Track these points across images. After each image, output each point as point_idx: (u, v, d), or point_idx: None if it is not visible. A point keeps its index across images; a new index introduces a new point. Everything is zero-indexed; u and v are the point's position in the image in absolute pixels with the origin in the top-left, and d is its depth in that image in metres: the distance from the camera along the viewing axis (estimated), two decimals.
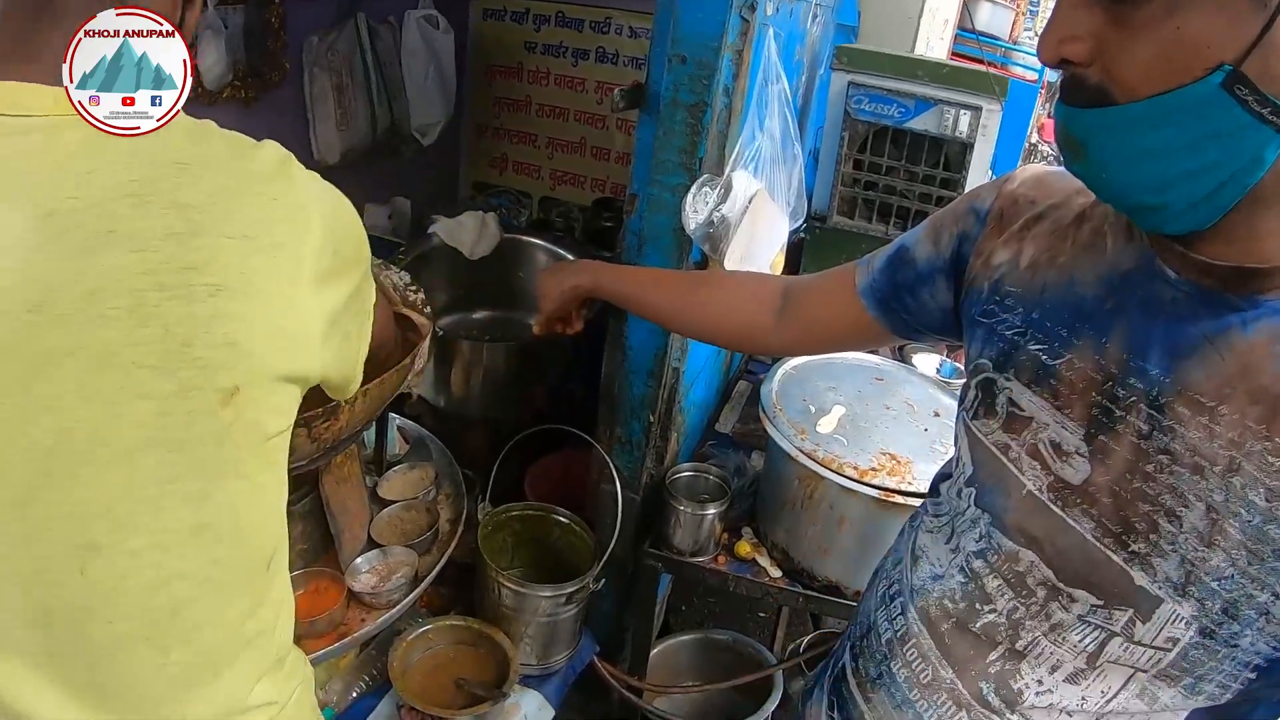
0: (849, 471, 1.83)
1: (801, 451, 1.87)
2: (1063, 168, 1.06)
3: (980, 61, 3.83)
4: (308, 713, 1.12)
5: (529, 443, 2.16)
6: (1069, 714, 0.98)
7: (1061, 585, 0.96)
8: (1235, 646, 0.86)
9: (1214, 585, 0.84)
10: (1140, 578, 0.89)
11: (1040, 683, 1.00)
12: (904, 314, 1.27)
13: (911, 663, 1.11)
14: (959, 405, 1.15)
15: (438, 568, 1.75)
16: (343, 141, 3.58)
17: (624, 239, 1.84)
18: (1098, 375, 0.94)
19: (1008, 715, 1.02)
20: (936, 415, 2.05)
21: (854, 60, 2.77)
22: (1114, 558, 0.91)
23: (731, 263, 1.75)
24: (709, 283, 1.66)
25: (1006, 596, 1.01)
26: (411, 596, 1.69)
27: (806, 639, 2.58)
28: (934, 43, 4.12)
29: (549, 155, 4.42)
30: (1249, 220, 0.81)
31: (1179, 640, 0.88)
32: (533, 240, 2.87)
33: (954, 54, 4.56)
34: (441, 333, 2.52)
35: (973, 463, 1.09)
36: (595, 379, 2.03)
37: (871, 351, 2.28)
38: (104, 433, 0.79)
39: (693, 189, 1.67)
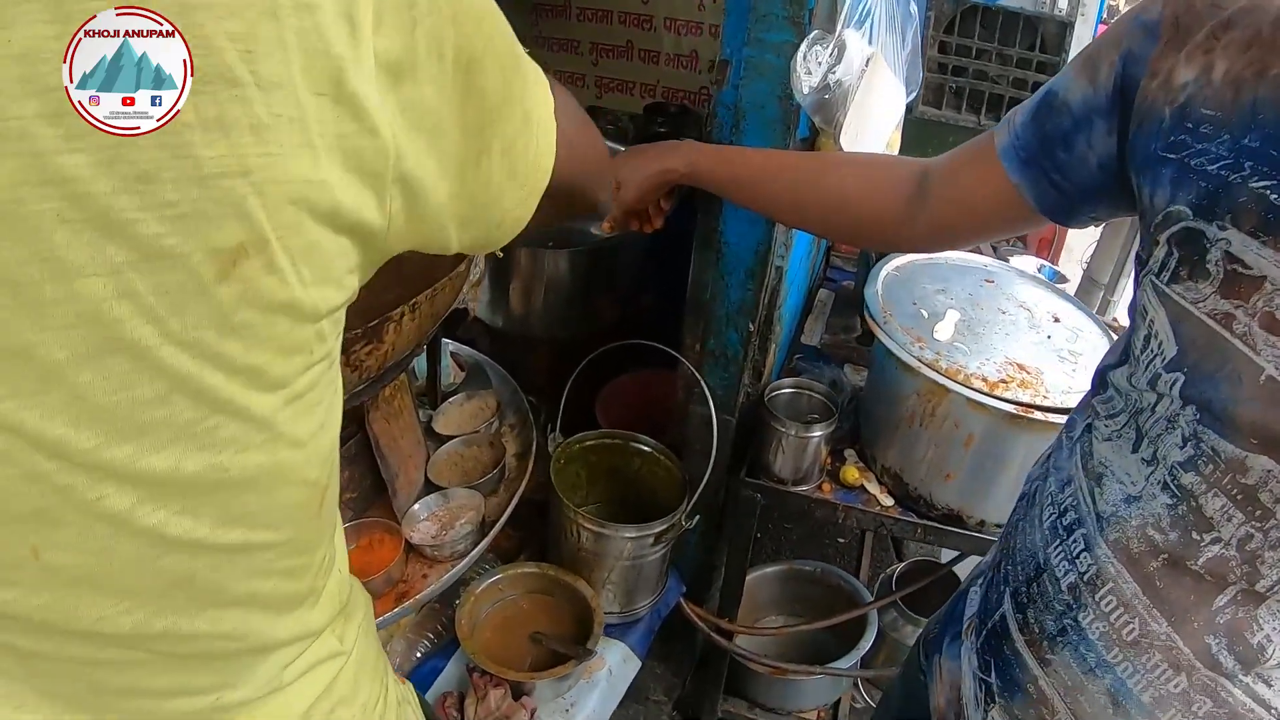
0: (977, 384, 1.61)
1: (922, 362, 1.64)
2: None
3: None
4: (373, 650, 0.91)
5: (599, 363, 1.95)
6: None
7: None
8: None
9: None
10: None
11: None
12: (1054, 174, 1.06)
13: (1109, 614, 0.90)
14: (1138, 269, 0.93)
15: (509, 511, 1.56)
16: None
17: (714, 116, 1.60)
18: None
19: (1241, 679, 0.82)
20: (1056, 320, 1.83)
21: None
22: None
23: (846, 138, 1.52)
24: (835, 165, 1.41)
25: (1235, 520, 0.81)
26: (480, 547, 1.49)
27: (898, 570, 2.44)
28: None
29: (593, 62, 4.20)
30: None
31: None
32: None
33: None
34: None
35: (1176, 340, 0.87)
36: (673, 286, 1.82)
37: (976, 250, 2.03)
38: (29, 335, 0.48)
39: (803, 47, 1.43)
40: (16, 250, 0.46)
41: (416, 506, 1.51)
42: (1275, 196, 0.79)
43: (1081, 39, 2.44)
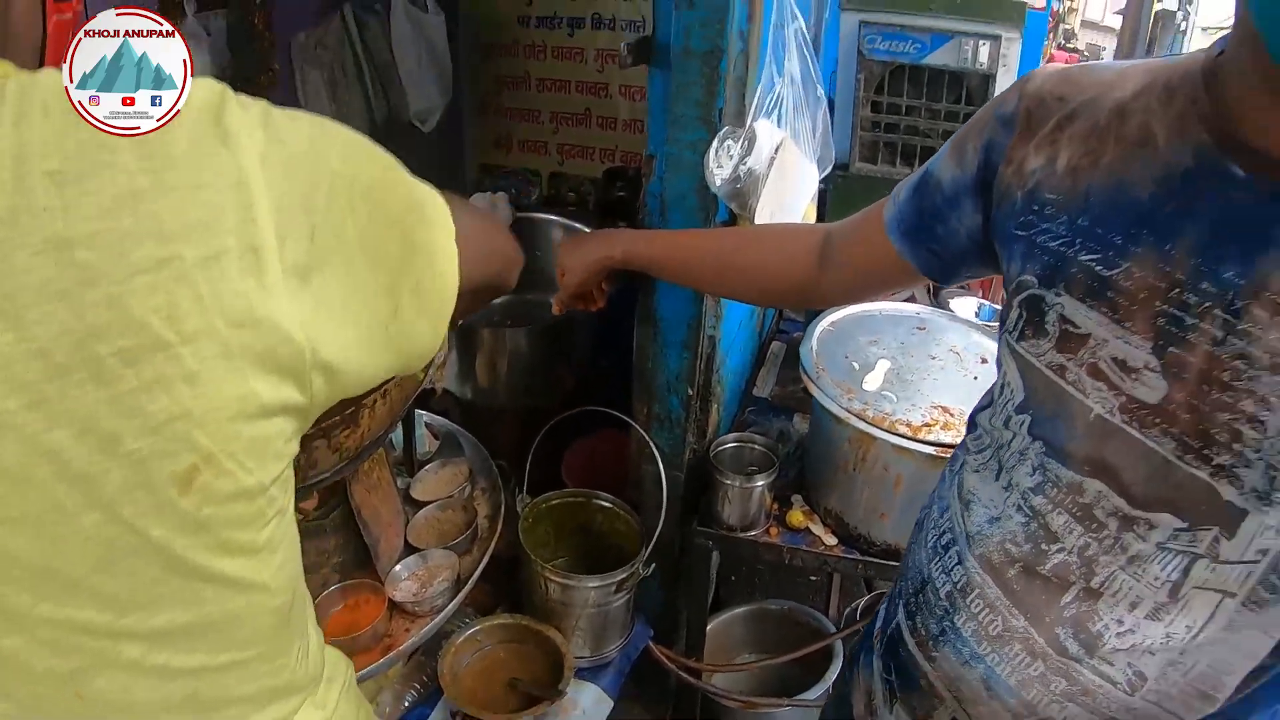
0: (901, 429, 1.76)
1: (850, 412, 1.80)
2: (1082, 64, 1.07)
3: None
4: (354, 706, 1.04)
5: (563, 427, 2.09)
6: (1152, 654, 0.94)
7: (1137, 513, 0.92)
8: None
9: None
10: (1227, 491, 0.86)
11: (1120, 622, 0.95)
12: (931, 244, 1.20)
13: (978, 615, 1.06)
14: (1000, 328, 1.08)
15: (480, 567, 1.69)
16: None
17: (644, 205, 1.77)
18: (1162, 284, 0.88)
19: (1087, 661, 0.98)
20: (984, 362, 1.97)
21: None
22: (1199, 474, 0.87)
23: (762, 218, 1.68)
24: (748, 240, 1.58)
25: (1075, 533, 0.97)
26: (456, 601, 1.63)
27: (862, 603, 2.54)
28: None
29: (554, 130, 4.35)
30: None
31: (1269, 550, 0.86)
32: (546, 217, 2.83)
33: None
34: (461, 322, 2.45)
35: (1024, 388, 1.03)
36: (625, 355, 1.96)
37: (909, 299, 2.20)
38: (55, 562, 0.65)
39: (714, 143, 1.59)
40: (30, 502, 0.62)
41: (398, 568, 1.64)
42: (1100, 268, 0.92)
43: (1004, 88, 2.59)
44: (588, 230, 2.61)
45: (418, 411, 1.99)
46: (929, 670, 1.13)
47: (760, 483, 1.92)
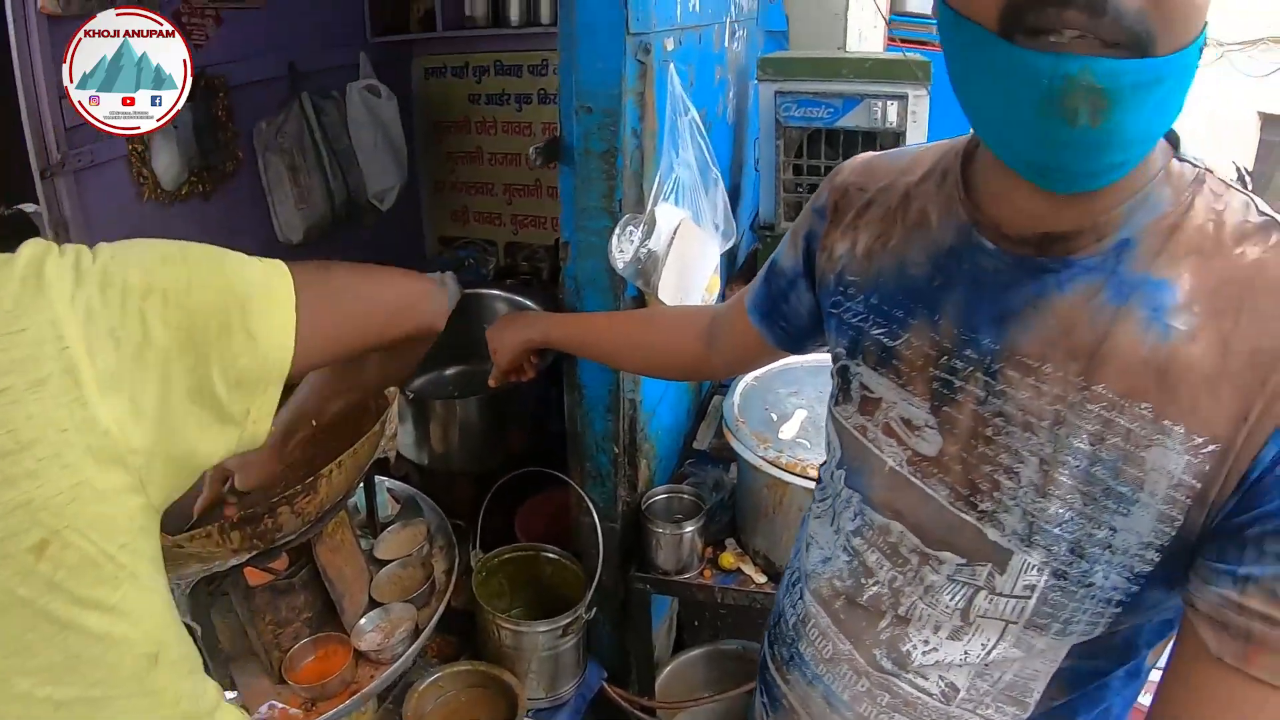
0: (812, 473, 1.91)
1: (765, 460, 1.97)
2: (890, 151, 1.18)
3: (920, 44, 3.93)
4: None
5: (517, 485, 2.25)
6: (956, 668, 1.03)
7: (929, 550, 1.01)
8: (1090, 585, 0.90)
9: (1056, 531, 0.90)
10: (992, 534, 0.95)
11: (926, 643, 1.05)
12: (783, 322, 1.34)
13: (814, 641, 1.18)
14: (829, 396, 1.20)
15: (435, 617, 1.85)
16: (304, 220, 3.70)
17: (563, 285, 1.94)
18: (934, 351, 0.99)
19: (903, 675, 1.07)
20: None
21: (777, 69, 2.87)
22: (968, 518, 0.96)
23: (666, 293, 1.84)
24: (646, 323, 1.76)
25: (885, 568, 1.07)
26: (414, 648, 1.78)
27: None
28: (867, 34, 4.22)
29: (508, 201, 4.54)
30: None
31: (1035, 586, 0.93)
32: (493, 293, 2.97)
33: (891, 39, 4.69)
34: (412, 395, 2.63)
35: (840, 446, 1.14)
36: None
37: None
38: None
39: (616, 230, 1.77)
40: None
41: (363, 620, 1.79)
42: (886, 340, 1.04)
43: (917, 143, 2.71)
44: (531, 305, 2.79)
45: (379, 478, 2.15)
46: (787, 692, 1.25)
47: (689, 529, 2.07)
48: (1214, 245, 0.84)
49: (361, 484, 1.88)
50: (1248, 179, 12.84)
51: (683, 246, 1.87)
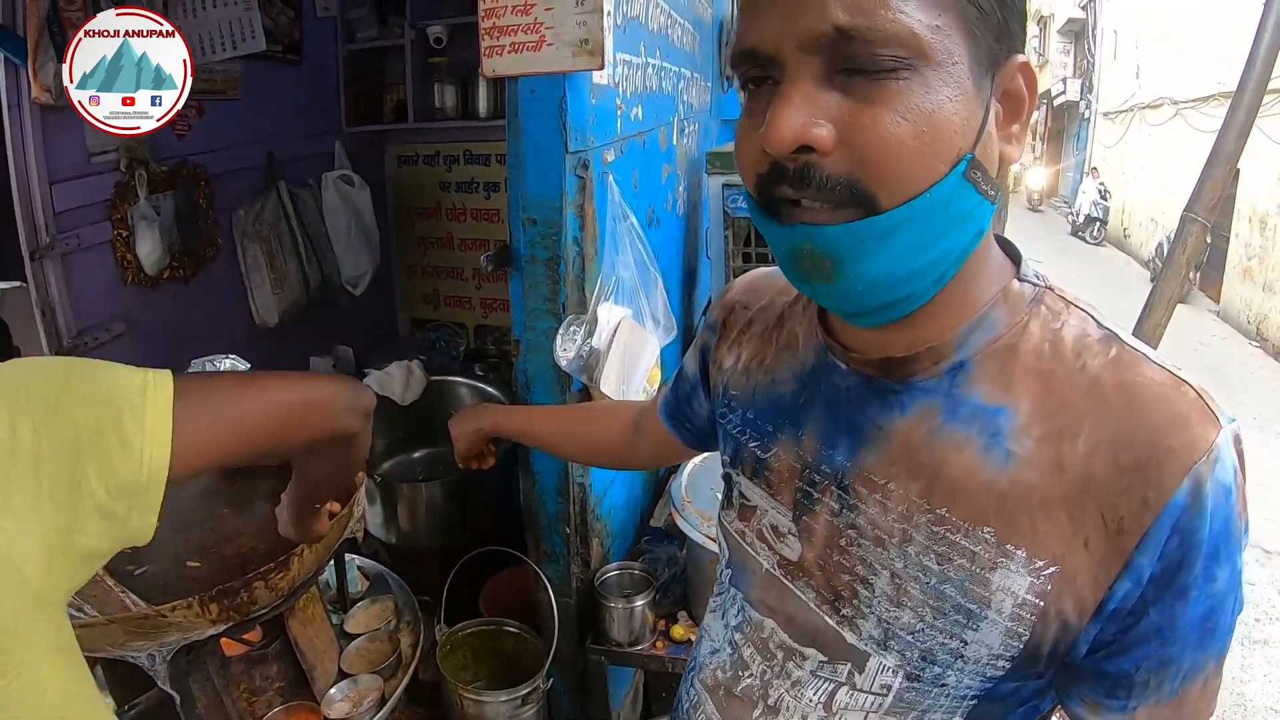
0: None
1: (709, 538, 2.09)
2: (774, 268, 1.20)
3: None
4: None
5: (481, 563, 2.37)
6: None
7: (795, 646, 1.04)
8: (944, 685, 0.93)
9: (909, 638, 0.92)
10: (850, 636, 0.97)
11: None
12: (689, 424, 1.42)
13: None
14: None
15: (401, 687, 1.95)
16: (280, 303, 3.83)
17: (515, 379, 2.09)
18: (798, 464, 1.03)
19: None
20: None
21: (723, 162, 3.03)
22: (829, 621, 0.99)
23: (608, 386, 1.97)
24: (581, 416, 1.86)
25: (757, 661, 1.10)
26: (380, 715, 1.89)
27: None
28: None
29: (477, 286, 4.68)
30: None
31: (891, 686, 0.96)
32: (458, 380, 3.12)
33: None
34: (380, 478, 2.76)
35: (727, 549, 1.18)
36: None
37: None
38: None
39: (560, 330, 1.92)
40: None
41: (333, 690, 1.89)
42: (760, 452, 1.09)
43: None
44: (493, 392, 2.94)
45: (349, 555, 2.26)
46: None
47: (639, 603, 2.19)
48: (1051, 365, 0.86)
49: (332, 562, 2.00)
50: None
51: (624, 342, 2.00)
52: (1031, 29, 36.42)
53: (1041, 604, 0.84)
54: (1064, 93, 29.90)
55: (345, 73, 4.38)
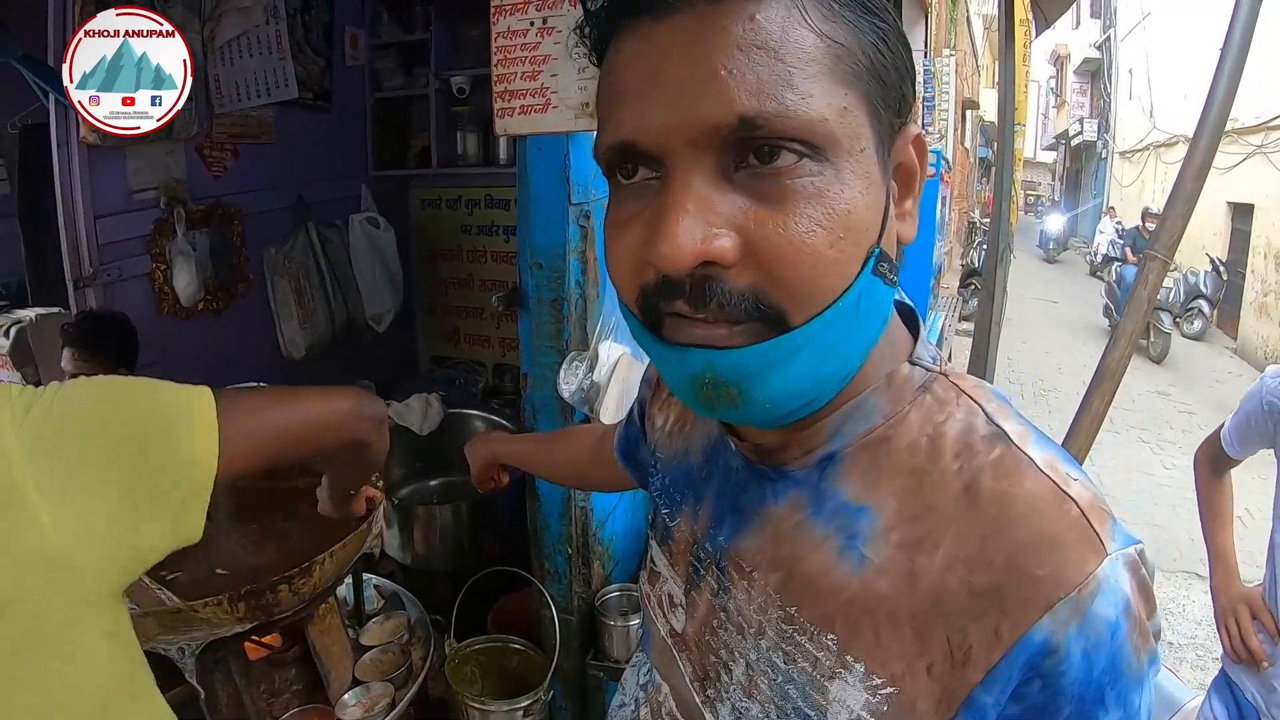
0: None
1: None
2: None
3: None
4: None
5: (491, 584, 2.49)
6: None
7: (679, 715, 0.99)
8: None
9: None
10: (710, 718, 0.92)
11: None
12: (640, 465, 1.33)
13: None
14: None
15: (411, 693, 2.10)
16: (306, 338, 4.01)
17: (523, 409, 2.25)
18: (691, 538, 0.98)
19: None
20: None
21: None
22: (697, 699, 0.94)
23: (607, 415, 2.10)
24: (556, 440, 1.90)
25: None
26: (389, 717, 2.03)
27: None
28: None
29: (495, 325, 4.83)
30: None
31: None
32: (473, 413, 3.27)
33: None
34: (398, 501, 2.92)
35: (643, 611, 1.12)
36: None
37: None
38: None
39: (563, 365, 2.08)
40: None
41: (347, 695, 2.03)
42: (668, 520, 1.05)
43: None
44: (504, 423, 3.09)
45: (366, 575, 2.42)
46: None
47: (635, 622, 2.31)
48: (925, 464, 0.77)
49: (350, 579, 2.16)
50: (1222, 270, 13.06)
51: (622, 377, 2.13)
52: (1049, 69, 36.51)
53: None
54: (1081, 133, 29.89)
55: (372, 119, 4.61)
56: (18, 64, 2.97)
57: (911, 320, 0.89)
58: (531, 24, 1.83)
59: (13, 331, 3.15)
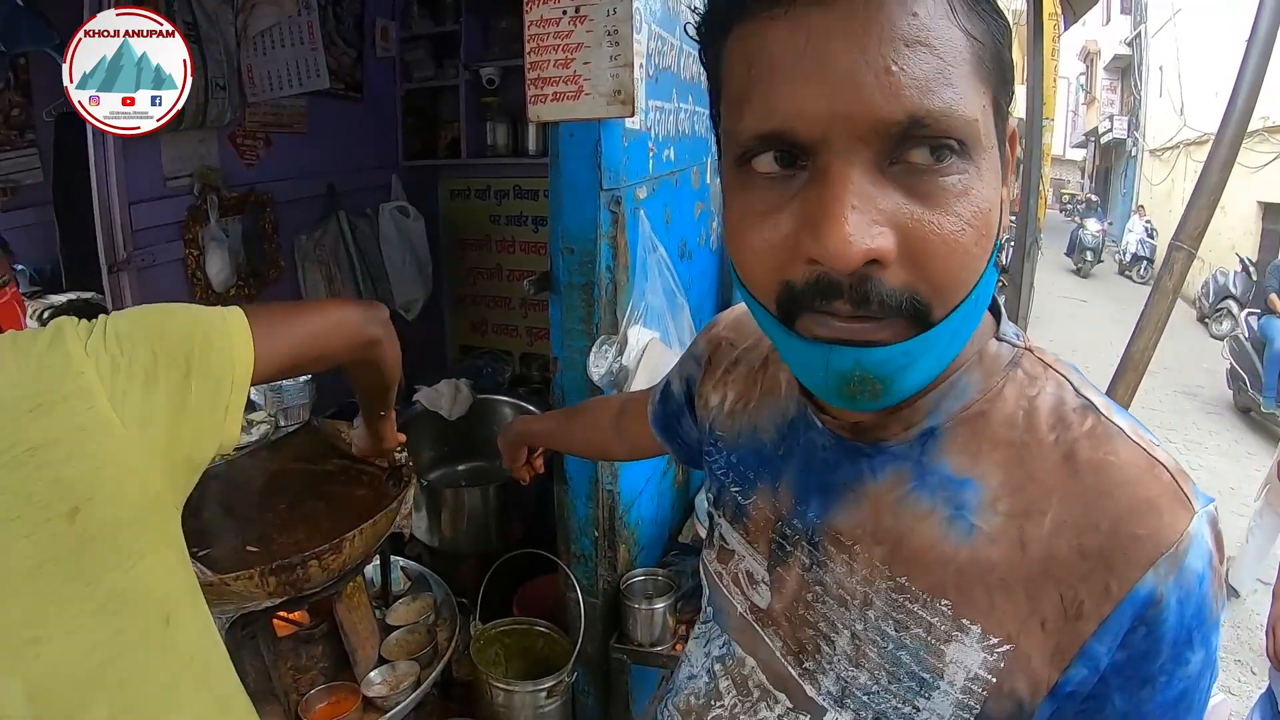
0: None
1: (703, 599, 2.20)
2: None
3: None
4: None
5: (517, 568, 2.53)
6: None
7: (771, 689, 1.01)
8: None
9: (864, 698, 0.89)
10: (810, 689, 0.95)
11: None
12: (681, 441, 1.38)
13: None
14: None
15: (435, 672, 2.14)
16: None
17: (553, 392, 2.28)
18: (773, 515, 1.00)
19: None
20: None
21: None
22: (793, 672, 0.97)
23: None
24: (576, 413, 1.91)
25: (731, 694, 1.07)
26: (414, 695, 2.07)
27: None
28: None
29: (523, 315, 4.86)
30: None
31: None
32: (501, 399, 3.30)
33: None
34: (427, 483, 2.95)
35: (708, 585, 1.15)
36: None
37: None
38: (6, 564, 1.01)
39: (593, 349, 2.11)
40: None
41: (373, 673, 2.07)
42: (740, 498, 1.06)
43: None
44: (530, 407, 3.12)
45: (394, 557, 2.45)
46: None
47: (660, 605, 2.34)
48: (1024, 437, 0.82)
49: (378, 560, 2.20)
50: (1252, 270, 12.96)
51: (651, 361, 2.16)
52: (1078, 65, 36.16)
53: (994, 680, 0.80)
54: (1111, 130, 29.53)
55: (403, 110, 4.63)
56: (53, 52, 3.00)
57: (994, 308, 0.91)
58: (564, 12, 1.85)
59: (47, 316, 3.19)
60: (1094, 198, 24.77)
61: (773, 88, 0.69)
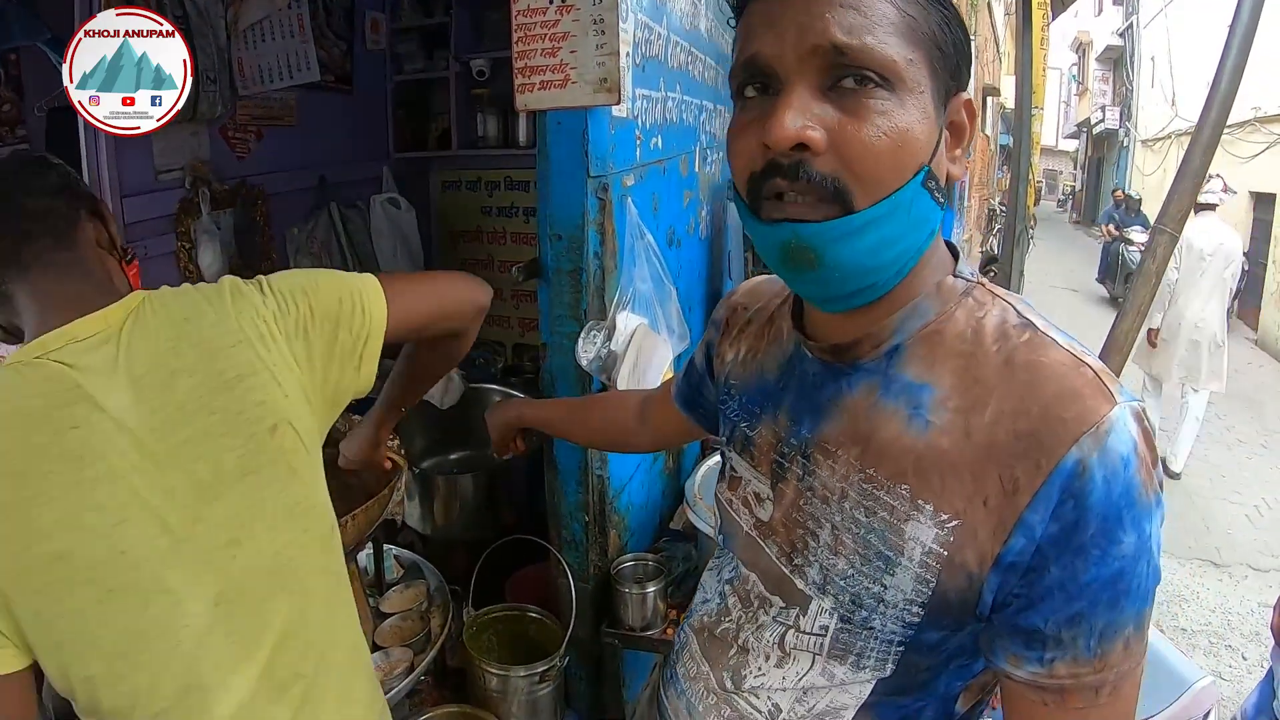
0: None
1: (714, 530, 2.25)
2: (771, 275, 1.38)
3: None
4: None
5: (509, 555, 2.52)
6: (780, 691, 1.16)
7: (767, 594, 1.17)
8: (871, 629, 1.03)
9: (842, 583, 1.04)
10: (799, 582, 1.10)
11: (759, 669, 1.18)
12: (703, 410, 1.57)
13: (685, 662, 1.33)
14: None
15: (429, 658, 2.16)
16: None
17: (542, 378, 2.30)
18: (774, 439, 1.17)
19: (737, 695, 1.21)
20: None
21: None
22: (785, 570, 1.12)
23: (623, 383, 2.14)
24: (592, 403, 2.04)
25: (737, 609, 1.23)
26: (408, 681, 2.09)
27: None
28: None
29: (515, 306, 4.90)
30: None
31: (828, 627, 1.07)
32: (492, 388, 3.32)
33: None
34: (418, 471, 2.96)
35: (720, 516, 1.32)
36: None
37: None
38: (218, 471, 1.27)
39: (581, 334, 2.12)
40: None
41: None
42: (748, 430, 1.23)
43: None
44: (519, 395, 3.14)
45: (387, 546, 2.48)
46: (665, 702, 1.38)
47: (650, 589, 2.35)
48: (971, 348, 0.99)
49: (371, 548, 2.21)
50: (1243, 260, 12.92)
51: (639, 347, 2.18)
52: (1071, 56, 36.14)
53: (945, 553, 0.94)
54: (1103, 121, 29.54)
55: (393, 102, 4.67)
56: (45, 47, 3.01)
57: (954, 251, 1.12)
58: (551, 2, 1.87)
59: None
60: (1135, 195, 18.43)
61: (752, 36, 0.96)
